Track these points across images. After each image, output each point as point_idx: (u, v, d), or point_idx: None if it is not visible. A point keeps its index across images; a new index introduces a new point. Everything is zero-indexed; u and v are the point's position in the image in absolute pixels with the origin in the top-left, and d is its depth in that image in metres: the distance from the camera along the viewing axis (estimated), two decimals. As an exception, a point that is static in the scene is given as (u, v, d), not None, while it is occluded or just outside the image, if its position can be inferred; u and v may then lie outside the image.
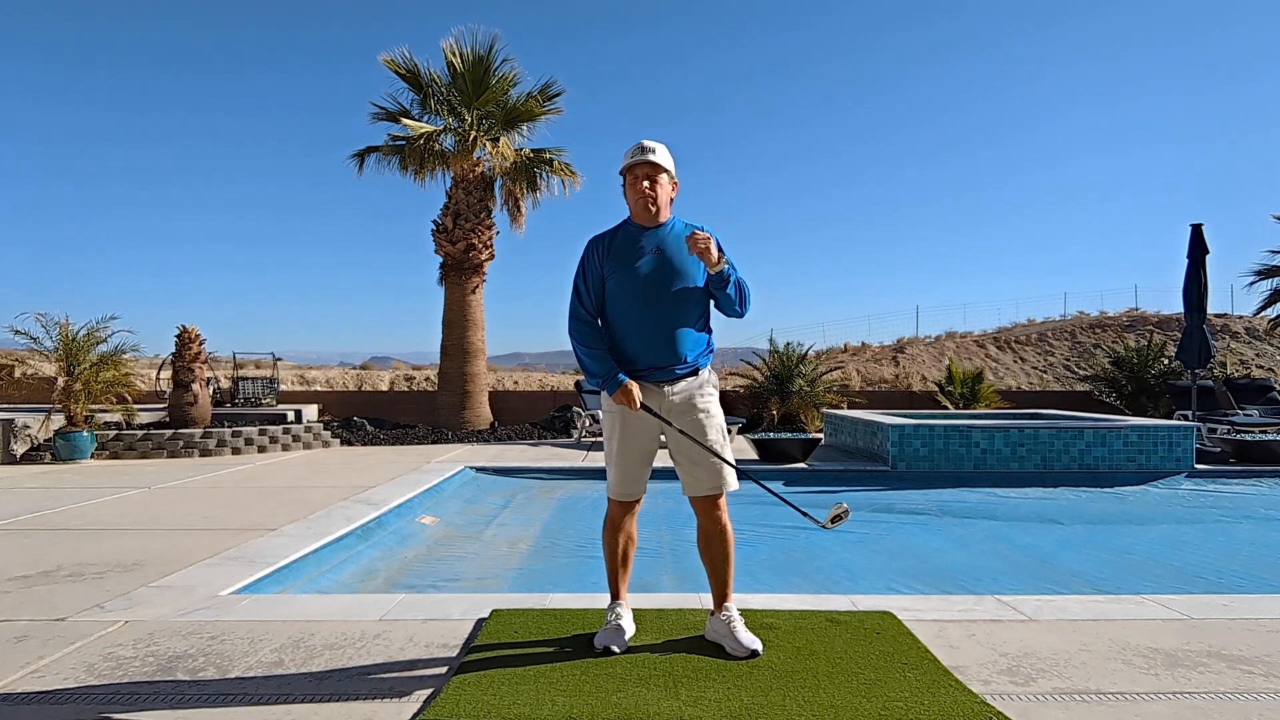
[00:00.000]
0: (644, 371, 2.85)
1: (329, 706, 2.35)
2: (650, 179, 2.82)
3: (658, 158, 2.82)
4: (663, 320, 2.83)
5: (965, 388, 13.79)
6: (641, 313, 2.83)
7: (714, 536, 2.87)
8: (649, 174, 2.82)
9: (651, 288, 2.82)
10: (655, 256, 2.84)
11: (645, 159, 2.81)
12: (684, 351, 2.85)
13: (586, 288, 2.90)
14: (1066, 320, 26.03)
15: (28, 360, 14.76)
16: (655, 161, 2.81)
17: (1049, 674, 2.60)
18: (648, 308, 2.83)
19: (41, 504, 5.95)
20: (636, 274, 2.83)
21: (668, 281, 2.83)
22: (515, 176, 12.68)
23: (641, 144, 2.86)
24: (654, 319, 2.83)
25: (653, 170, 2.82)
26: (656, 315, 2.83)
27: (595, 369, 2.85)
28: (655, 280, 2.82)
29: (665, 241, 2.86)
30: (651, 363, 2.84)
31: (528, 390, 16.88)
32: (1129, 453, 8.05)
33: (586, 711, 2.30)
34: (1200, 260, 10.37)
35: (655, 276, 2.82)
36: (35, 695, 2.43)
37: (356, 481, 7.02)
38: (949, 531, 5.91)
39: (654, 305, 2.83)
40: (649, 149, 2.83)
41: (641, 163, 2.82)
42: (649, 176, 2.82)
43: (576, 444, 10.74)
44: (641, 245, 2.85)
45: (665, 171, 2.84)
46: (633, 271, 2.83)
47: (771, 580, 4.44)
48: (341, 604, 3.43)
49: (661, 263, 2.83)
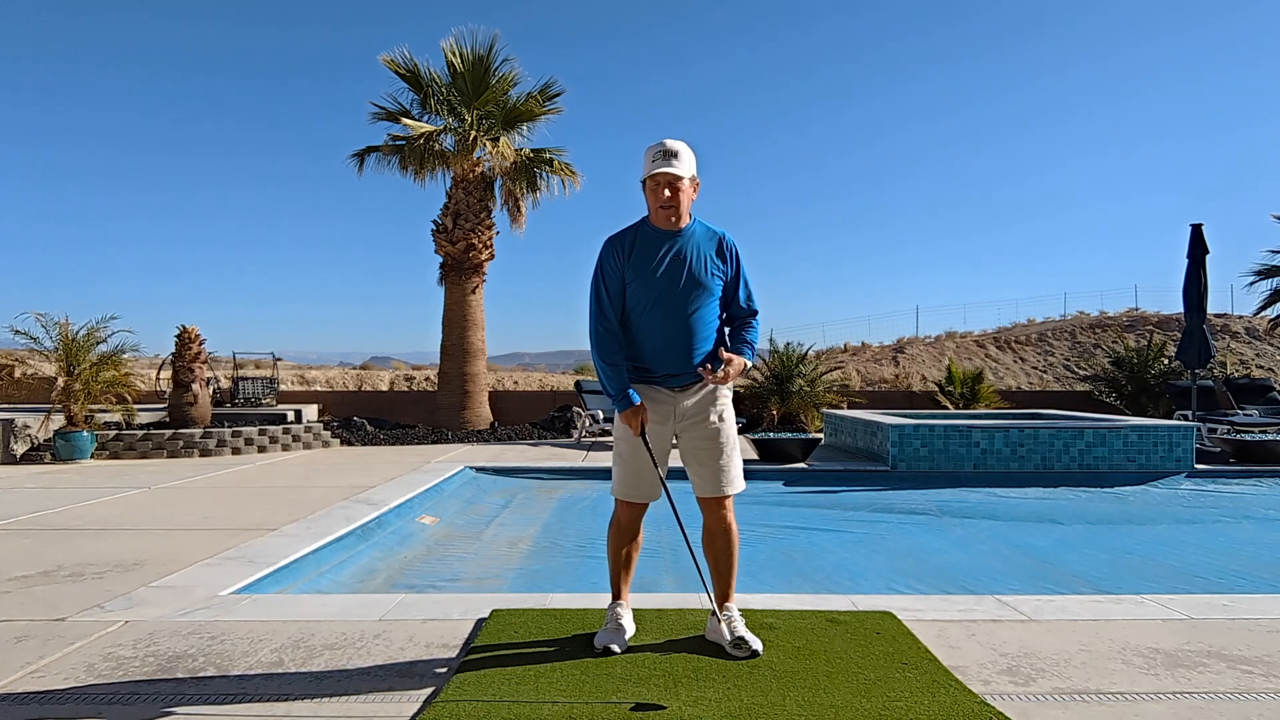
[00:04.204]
0: (660, 377, 2.85)
1: (329, 706, 2.34)
2: (672, 188, 2.74)
3: (680, 166, 2.73)
4: (680, 328, 2.81)
5: (965, 388, 13.79)
6: (659, 319, 2.82)
7: (718, 536, 2.87)
8: (670, 182, 2.74)
9: (670, 295, 2.80)
10: (674, 264, 2.80)
11: (668, 170, 2.71)
12: (700, 359, 2.84)
13: (607, 291, 2.84)
14: (1066, 320, 26.04)
15: (28, 360, 14.77)
16: (677, 173, 2.72)
17: (1049, 674, 2.60)
18: (665, 315, 2.81)
19: (41, 504, 5.95)
20: (656, 280, 2.80)
21: (686, 290, 2.80)
22: (515, 176, 12.68)
23: (664, 147, 2.75)
24: (671, 326, 2.81)
25: (674, 179, 2.74)
26: (674, 323, 2.81)
27: (609, 384, 2.82)
28: (674, 288, 2.80)
29: (685, 248, 2.81)
30: (668, 370, 2.84)
31: (528, 390, 16.88)
32: (1129, 453, 8.05)
33: (586, 712, 2.30)
34: (1200, 260, 10.37)
35: (674, 284, 2.79)
36: (35, 695, 2.43)
37: (356, 481, 7.02)
38: (949, 531, 5.91)
39: (672, 313, 2.80)
40: (671, 154, 2.73)
41: (663, 172, 2.72)
42: (670, 185, 2.74)
43: (576, 444, 10.74)
44: (661, 251, 2.80)
45: (686, 179, 2.77)
46: (652, 278, 2.81)
47: (771, 580, 4.44)
48: (341, 604, 3.43)
49: (681, 270, 2.80)
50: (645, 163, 2.78)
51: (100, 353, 9.48)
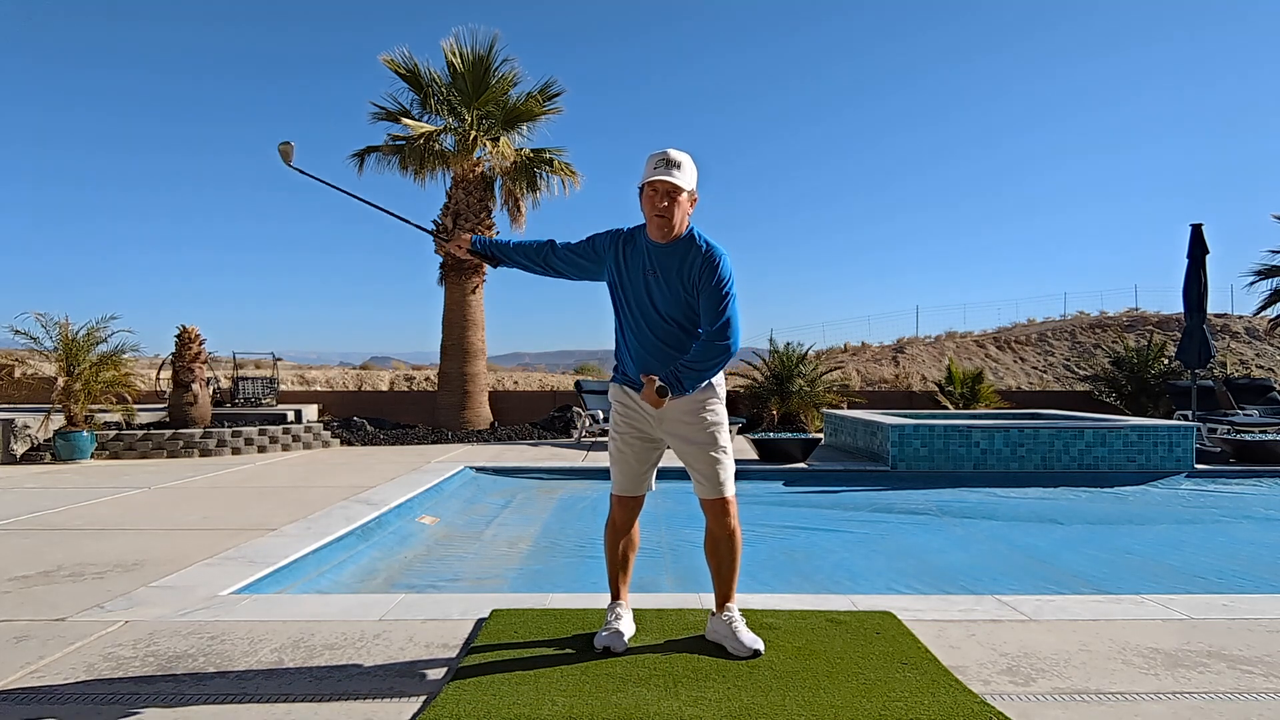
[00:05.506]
0: (637, 383, 2.85)
1: (329, 706, 2.34)
2: (670, 197, 2.67)
3: (680, 178, 2.65)
4: (658, 341, 2.81)
5: (965, 388, 13.79)
6: (640, 329, 2.82)
7: (721, 541, 2.87)
8: (669, 191, 2.66)
9: (652, 308, 2.80)
10: (656, 278, 2.78)
11: (667, 178, 2.64)
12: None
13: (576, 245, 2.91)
14: (1066, 320, 26.03)
15: (28, 360, 14.77)
16: (676, 183, 2.65)
17: (1049, 674, 2.60)
18: (647, 326, 2.81)
19: (41, 504, 5.95)
20: (640, 291, 2.81)
21: (668, 304, 2.78)
22: (515, 176, 12.68)
23: (666, 156, 2.68)
24: (652, 337, 2.81)
25: (673, 190, 2.67)
26: (654, 335, 2.81)
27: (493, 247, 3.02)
28: (656, 300, 2.79)
29: (671, 264, 2.76)
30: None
31: (528, 390, 16.88)
32: (1129, 453, 8.05)
33: (586, 711, 2.30)
34: (1200, 260, 10.37)
35: (657, 297, 2.79)
36: (35, 695, 2.43)
37: (356, 481, 7.02)
38: (949, 531, 5.91)
39: (653, 325, 2.81)
40: (673, 164, 2.66)
41: (662, 180, 2.66)
42: (669, 194, 2.67)
43: (576, 444, 10.74)
44: (650, 263, 2.78)
45: (685, 191, 2.70)
46: (637, 287, 2.81)
47: (771, 580, 4.44)
48: (341, 604, 3.43)
49: (661, 286, 2.78)
50: (645, 169, 2.73)
51: (100, 353, 9.47)
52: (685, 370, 2.70)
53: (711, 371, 2.75)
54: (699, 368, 2.71)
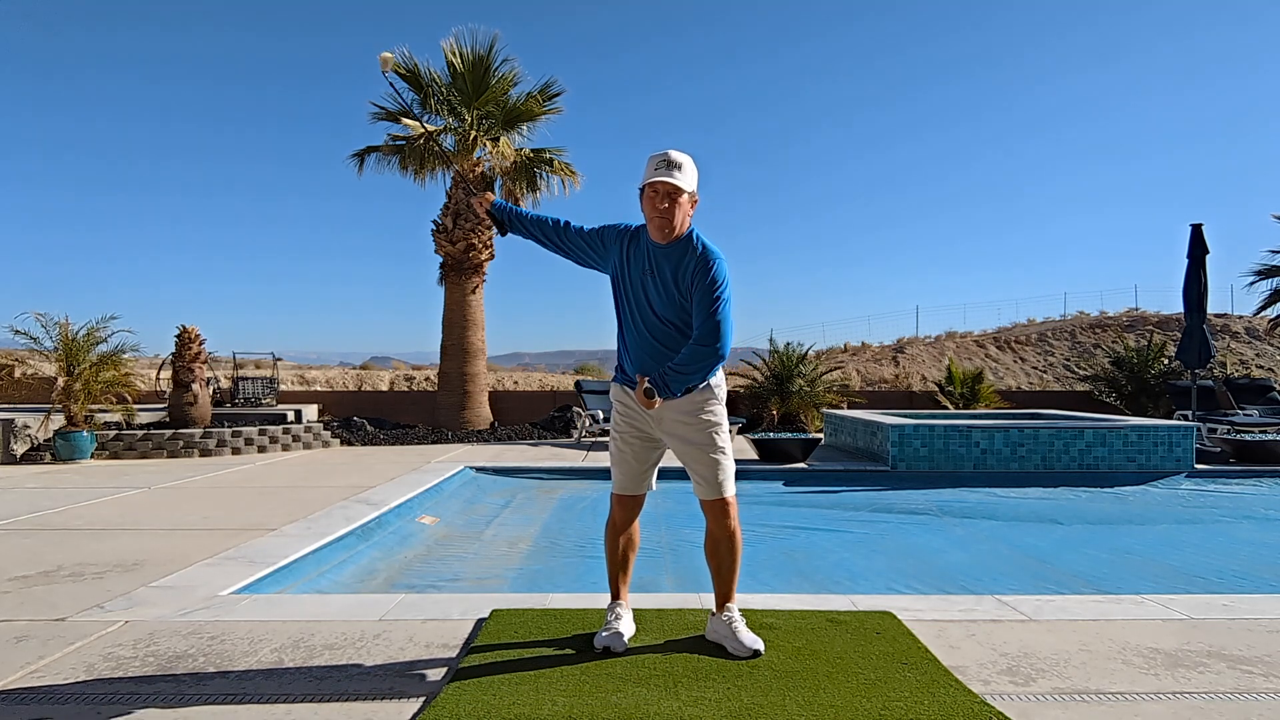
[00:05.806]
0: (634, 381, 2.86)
1: (329, 706, 2.34)
2: (670, 199, 2.66)
3: (681, 179, 2.66)
4: (655, 342, 2.81)
5: (965, 388, 13.79)
6: (638, 329, 2.83)
7: (721, 541, 2.87)
8: (670, 192, 2.66)
9: (649, 308, 2.80)
10: (658, 279, 2.77)
11: (668, 179, 2.64)
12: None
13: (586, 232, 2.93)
14: (1066, 320, 26.04)
15: (28, 360, 14.77)
16: (677, 184, 2.65)
17: (1049, 674, 2.60)
18: (644, 326, 2.82)
19: (41, 504, 5.95)
20: (638, 291, 2.81)
21: (665, 306, 2.79)
22: (515, 176, 12.68)
23: (668, 157, 2.68)
24: (649, 338, 2.82)
25: (673, 191, 2.66)
26: (651, 335, 2.81)
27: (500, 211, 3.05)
28: (654, 302, 2.79)
29: (668, 266, 2.76)
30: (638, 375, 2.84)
31: (528, 390, 16.88)
32: (1129, 453, 8.05)
33: (586, 711, 2.30)
34: (1200, 260, 10.37)
35: (655, 298, 2.79)
36: (35, 695, 2.43)
37: (356, 481, 7.02)
38: (949, 531, 5.91)
39: (650, 325, 2.81)
40: (675, 164, 2.66)
41: (663, 182, 2.66)
42: (669, 195, 2.66)
43: (576, 444, 10.74)
44: (649, 264, 2.78)
45: (686, 192, 2.70)
46: (636, 287, 2.82)
47: (771, 580, 4.44)
48: (341, 604, 3.43)
49: (658, 287, 2.78)
50: (646, 170, 2.72)
51: (100, 353, 9.47)
52: (672, 373, 2.70)
53: (698, 376, 2.73)
54: (686, 371, 2.70)
